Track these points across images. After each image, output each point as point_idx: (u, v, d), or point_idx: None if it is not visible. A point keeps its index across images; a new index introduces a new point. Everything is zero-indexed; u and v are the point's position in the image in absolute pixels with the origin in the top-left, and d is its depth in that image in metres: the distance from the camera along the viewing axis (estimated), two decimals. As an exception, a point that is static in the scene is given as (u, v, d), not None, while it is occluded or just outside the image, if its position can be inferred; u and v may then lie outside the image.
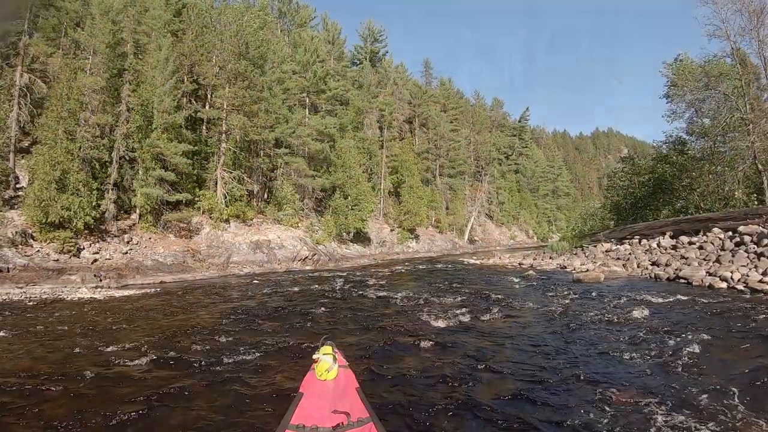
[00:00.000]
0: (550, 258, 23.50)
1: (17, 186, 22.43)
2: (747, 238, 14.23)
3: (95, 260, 20.81)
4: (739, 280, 11.49)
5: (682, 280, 12.92)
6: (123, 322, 9.90)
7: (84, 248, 21.05)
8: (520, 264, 22.81)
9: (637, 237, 21.00)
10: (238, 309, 11.35)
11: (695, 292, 11.14)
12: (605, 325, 8.32)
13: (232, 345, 7.57)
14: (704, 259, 14.09)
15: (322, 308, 11.11)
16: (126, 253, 22.24)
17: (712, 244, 15.26)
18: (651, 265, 15.72)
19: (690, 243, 16.38)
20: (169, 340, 8.14)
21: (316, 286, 16.26)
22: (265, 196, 33.11)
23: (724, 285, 11.52)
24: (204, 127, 29.97)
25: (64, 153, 20.56)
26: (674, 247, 16.81)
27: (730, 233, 15.55)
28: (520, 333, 8.08)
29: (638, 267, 15.89)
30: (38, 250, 19.43)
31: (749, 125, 20.74)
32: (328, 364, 4.03)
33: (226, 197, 27.82)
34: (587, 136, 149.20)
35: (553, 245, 30.11)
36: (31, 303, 13.17)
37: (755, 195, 21.46)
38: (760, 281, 11.01)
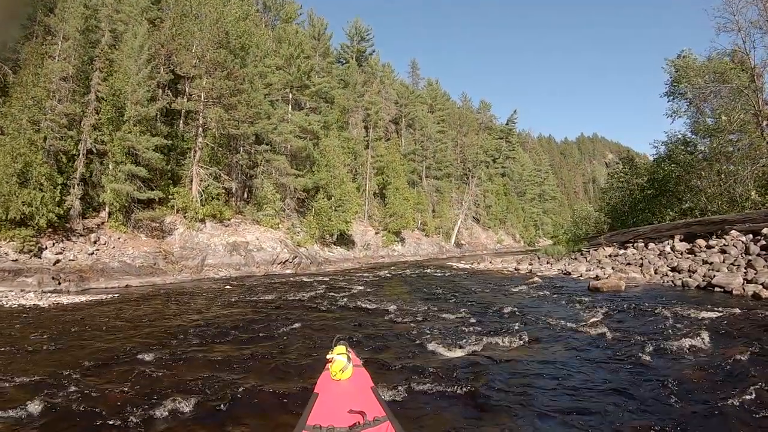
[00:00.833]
0: (548, 263, 22.12)
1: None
2: (775, 241, 12.91)
3: (57, 261, 19.11)
4: (788, 288, 10.03)
5: (718, 289, 11.38)
6: (46, 342, 7.99)
7: (46, 248, 19.36)
8: (516, 269, 21.35)
9: (641, 240, 19.87)
10: (195, 325, 9.46)
11: (742, 303, 9.61)
12: (669, 355, 6.30)
13: (165, 387, 5.51)
14: (733, 264, 12.66)
15: (298, 324, 9.20)
16: (92, 253, 20.53)
17: (735, 247, 13.89)
18: (671, 270, 14.26)
19: (708, 246, 15.03)
20: (84, 374, 6.12)
21: (295, 294, 14.43)
22: (245, 195, 31.39)
23: (772, 294, 10.05)
24: (181, 122, 28.26)
25: (28, 144, 18.96)
26: (691, 251, 15.46)
27: (751, 236, 14.29)
28: (560, 367, 6.07)
29: (656, 273, 14.43)
30: (-4, 249, 17.77)
31: (763, 122, 19.54)
32: (342, 364, 3.88)
33: (201, 195, 26.04)
34: (572, 141, 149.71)
35: (548, 249, 28.72)
36: (-37, 311, 11.34)
37: None
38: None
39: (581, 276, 16.50)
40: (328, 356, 4.02)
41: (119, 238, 22.27)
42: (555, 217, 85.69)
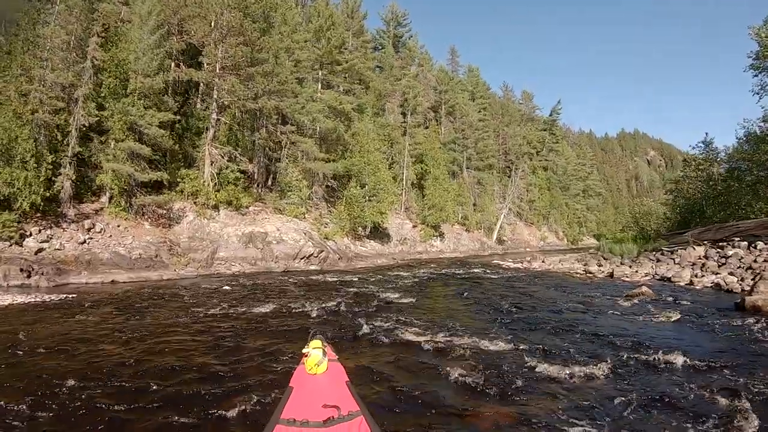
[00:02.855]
0: (623, 264, 18.02)
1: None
2: None
3: (40, 250, 16.29)
4: None
5: None
6: None
7: (30, 234, 16.62)
8: (587, 271, 17.31)
9: (738, 237, 16.30)
10: (140, 355, 5.90)
11: None
12: None
13: None
14: None
15: (275, 391, 4.88)
16: (83, 242, 17.64)
17: None
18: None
19: None
20: None
21: (307, 303, 10.45)
22: (268, 181, 28.10)
23: None
24: (198, 99, 25.20)
25: (13, 117, 16.55)
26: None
27: None
28: None
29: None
30: (-30, 236, 15.35)
31: None
32: (317, 358, 3.80)
33: (215, 179, 22.82)
34: (613, 137, 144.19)
35: (613, 248, 24.50)
36: None
37: None
38: None
39: (692, 284, 12.42)
40: (303, 350, 3.91)
41: (119, 226, 19.34)
42: (599, 214, 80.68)
